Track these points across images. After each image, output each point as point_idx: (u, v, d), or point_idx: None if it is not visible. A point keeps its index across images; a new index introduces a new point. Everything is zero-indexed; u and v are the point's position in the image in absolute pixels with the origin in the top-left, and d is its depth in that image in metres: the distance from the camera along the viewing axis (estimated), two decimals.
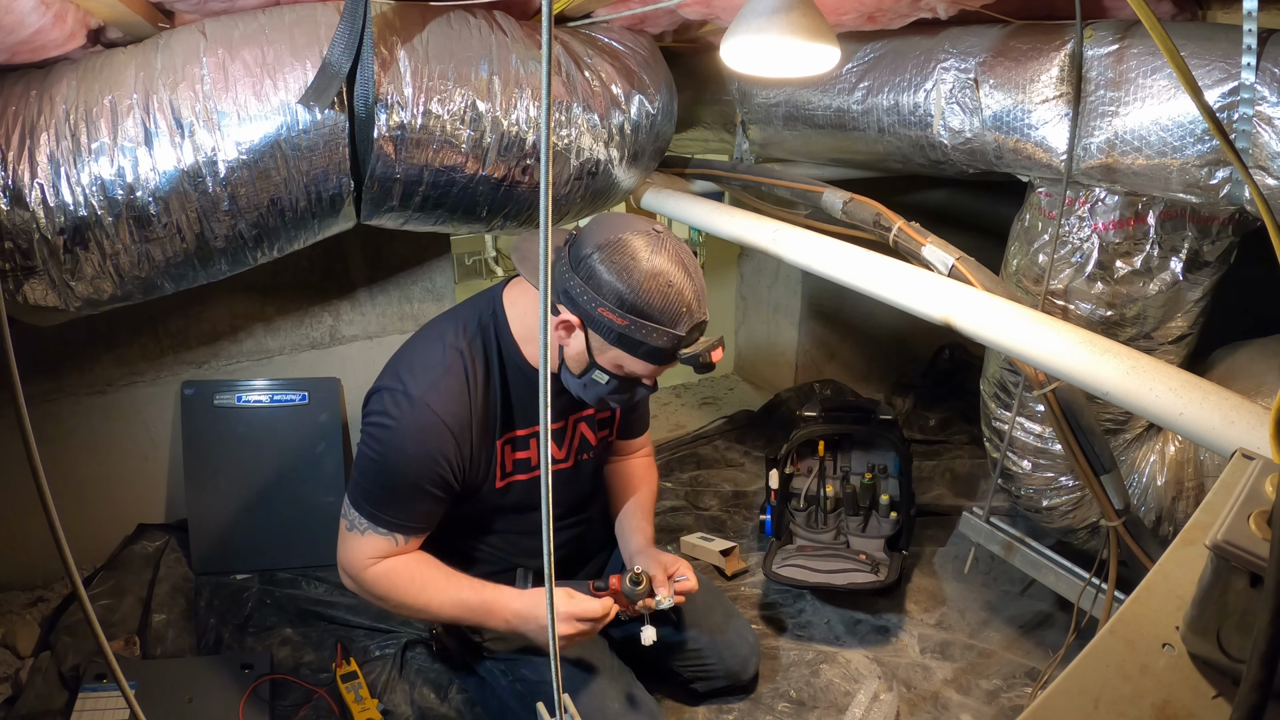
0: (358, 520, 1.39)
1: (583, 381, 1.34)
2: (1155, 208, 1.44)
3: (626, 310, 1.22)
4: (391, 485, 1.35)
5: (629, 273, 1.21)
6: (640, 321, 1.22)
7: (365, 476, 1.38)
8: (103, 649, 0.58)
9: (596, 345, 1.28)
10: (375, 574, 1.39)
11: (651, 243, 1.24)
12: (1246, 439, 0.95)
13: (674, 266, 1.24)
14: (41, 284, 1.41)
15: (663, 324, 1.23)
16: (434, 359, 1.38)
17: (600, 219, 1.32)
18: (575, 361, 1.33)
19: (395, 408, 1.33)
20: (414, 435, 1.33)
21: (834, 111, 1.78)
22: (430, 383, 1.34)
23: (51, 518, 0.55)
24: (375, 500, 1.37)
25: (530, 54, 1.62)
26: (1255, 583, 0.52)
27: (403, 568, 1.40)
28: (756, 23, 1.11)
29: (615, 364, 1.29)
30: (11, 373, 0.52)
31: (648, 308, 1.22)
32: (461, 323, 1.42)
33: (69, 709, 1.62)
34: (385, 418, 1.34)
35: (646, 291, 1.21)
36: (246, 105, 1.40)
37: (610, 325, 1.23)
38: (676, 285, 1.23)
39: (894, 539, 2.12)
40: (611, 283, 1.22)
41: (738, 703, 1.77)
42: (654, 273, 1.22)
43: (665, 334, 1.24)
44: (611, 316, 1.22)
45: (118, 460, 2.12)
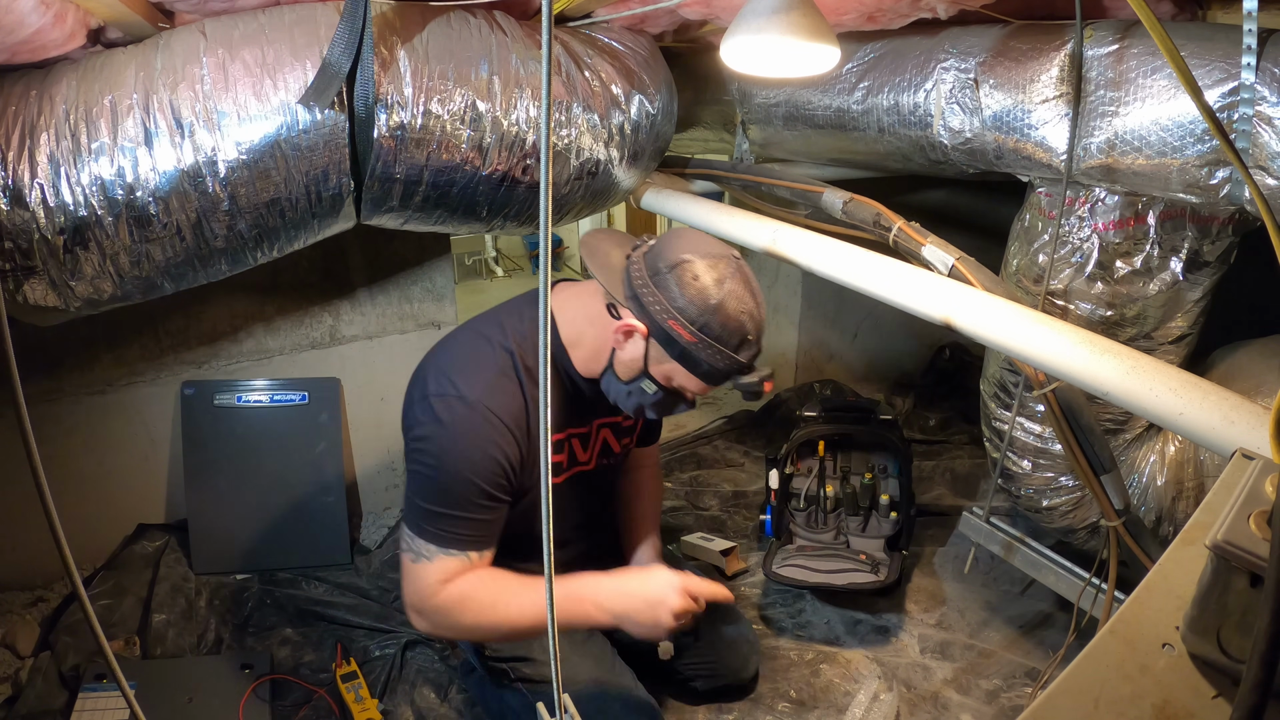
0: (424, 547, 1.29)
1: (628, 389, 1.33)
2: (1155, 208, 1.44)
3: (698, 328, 1.23)
4: (457, 497, 1.28)
5: (707, 293, 1.23)
6: (708, 341, 1.23)
7: (426, 495, 1.29)
8: (103, 649, 0.58)
9: (655, 356, 1.28)
10: (448, 597, 1.29)
11: (732, 268, 1.26)
12: (1246, 439, 0.95)
13: (749, 296, 1.26)
14: (41, 284, 1.41)
15: (728, 348, 1.25)
16: (484, 359, 1.34)
17: (682, 233, 1.32)
18: (626, 368, 1.32)
19: (450, 413, 1.28)
20: (475, 439, 1.27)
21: (834, 111, 1.78)
22: (485, 383, 1.30)
23: (51, 518, 0.55)
24: (441, 520, 1.28)
25: (530, 54, 1.62)
26: (1255, 583, 0.52)
27: (475, 582, 1.31)
28: (756, 23, 1.11)
29: (667, 376, 1.29)
30: (11, 373, 0.52)
31: (719, 329, 1.23)
32: (507, 322, 1.39)
33: (69, 709, 1.62)
34: (439, 426, 1.28)
35: (721, 314, 1.23)
36: (246, 105, 1.40)
37: (677, 339, 1.24)
38: (745, 313, 1.25)
39: (894, 539, 2.12)
40: (689, 298, 1.22)
41: (738, 703, 1.77)
42: (730, 297, 1.23)
43: (729, 358, 1.25)
44: (681, 331, 1.23)
45: (118, 460, 2.12)
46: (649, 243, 1.33)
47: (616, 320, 1.29)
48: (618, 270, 1.31)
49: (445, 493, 1.28)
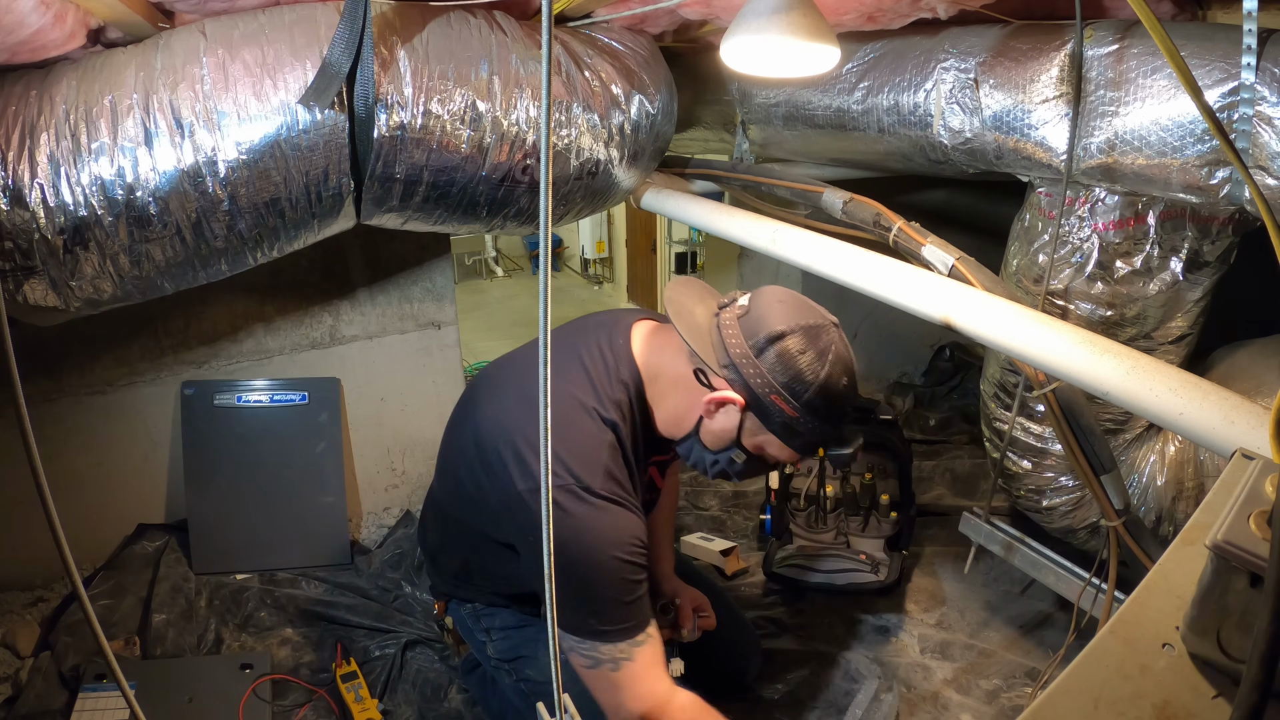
0: (615, 650, 1.23)
1: (714, 457, 1.30)
2: (1155, 208, 1.44)
3: (802, 404, 1.19)
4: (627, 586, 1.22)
5: (813, 370, 1.19)
6: (810, 418, 1.20)
7: (594, 600, 1.21)
8: (103, 649, 0.58)
9: (750, 428, 1.24)
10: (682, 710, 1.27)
11: (831, 340, 1.22)
12: (1246, 439, 0.95)
13: (849, 368, 1.22)
14: (41, 284, 1.41)
15: (829, 423, 1.22)
16: (591, 438, 1.24)
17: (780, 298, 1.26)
18: (715, 438, 1.27)
19: (581, 506, 1.19)
20: (618, 528, 1.21)
21: (834, 111, 1.78)
22: (602, 468, 1.22)
23: (51, 518, 0.55)
24: (619, 613, 1.22)
25: (530, 54, 1.62)
26: (1255, 583, 0.52)
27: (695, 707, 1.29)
28: (756, 23, 1.11)
29: (759, 446, 1.26)
30: (11, 373, 0.52)
31: (822, 406, 1.20)
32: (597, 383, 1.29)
33: (69, 709, 1.62)
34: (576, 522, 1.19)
35: (825, 390, 1.19)
36: (246, 105, 1.40)
37: (779, 414, 1.20)
38: (848, 388, 1.22)
39: (894, 539, 2.12)
40: (793, 374, 1.18)
41: (738, 703, 1.77)
42: (834, 374, 1.20)
43: (824, 431, 1.23)
44: (785, 407, 1.19)
45: (118, 460, 2.12)
46: (738, 302, 1.27)
47: (705, 387, 1.24)
48: (705, 332, 1.26)
49: (609, 586, 1.20)
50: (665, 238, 6.02)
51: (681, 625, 1.56)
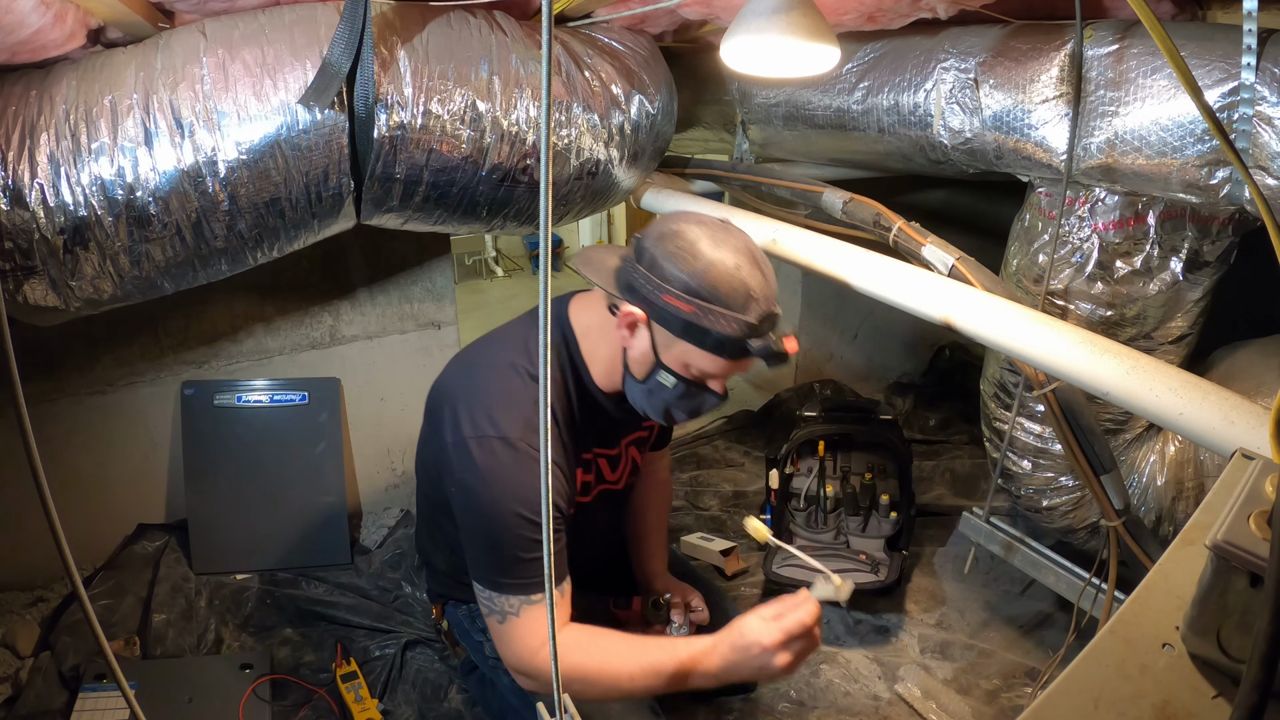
0: (507, 603, 1.23)
1: (647, 388, 1.27)
2: (1155, 208, 1.44)
3: (692, 295, 1.15)
4: (520, 539, 1.21)
5: (695, 256, 1.15)
6: (707, 306, 1.15)
7: (489, 545, 1.23)
8: (103, 649, 0.58)
9: (662, 341, 1.21)
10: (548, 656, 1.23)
11: (719, 230, 1.19)
12: (1246, 439, 0.95)
13: (742, 252, 1.18)
14: (41, 284, 1.41)
15: (731, 309, 1.15)
16: (515, 392, 1.26)
17: (669, 214, 1.26)
18: (639, 364, 1.25)
19: (494, 455, 1.22)
20: (528, 481, 1.21)
21: (834, 111, 1.78)
22: (523, 419, 1.24)
23: (51, 518, 0.55)
24: (516, 567, 1.22)
25: (530, 54, 1.62)
26: (1255, 583, 0.52)
27: (575, 643, 1.23)
28: (756, 23, 1.11)
29: (682, 362, 1.22)
30: (11, 373, 0.52)
31: (715, 291, 1.14)
32: (529, 343, 1.33)
33: (69, 709, 1.62)
34: (485, 470, 1.22)
35: (714, 274, 1.14)
36: (246, 105, 1.40)
37: (676, 313, 1.16)
38: (743, 269, 1.17)
39: (894, 539, 2.12)
40: (677, 267, 1.15)
41: (738, 703, 1.77)
42: (721, 257, 1.16)
43: (734, 320, 1.15)
44: (677, 303, 1.15)
45: (118, 460, 2.12)
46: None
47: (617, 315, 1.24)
48: (611, 270, 1.27)
49: (508, 538, 1.21)
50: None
51: (672, 619, 1.58)
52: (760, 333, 1.18)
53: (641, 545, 1.69)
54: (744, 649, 1.16)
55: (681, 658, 1.22)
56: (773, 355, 1.18)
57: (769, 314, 1.19)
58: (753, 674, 1.19)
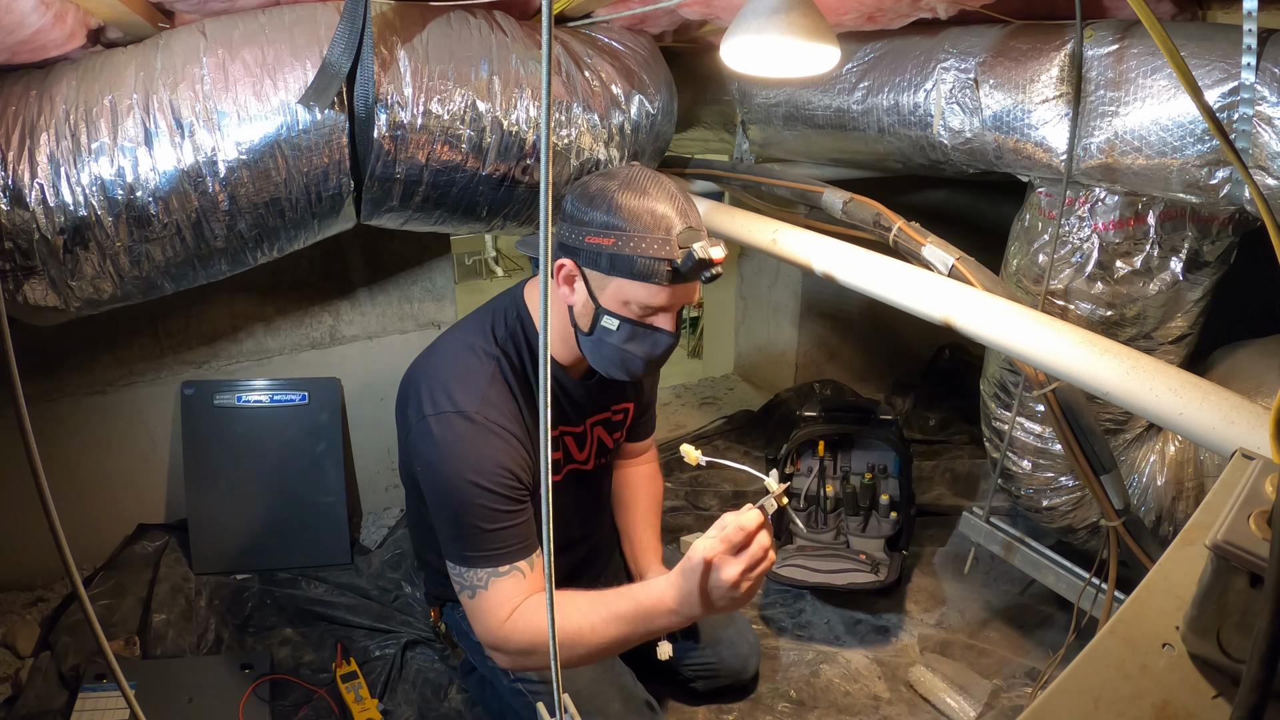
0: (475, 576, 1.25)
1: (595, 338, 1.28)
2: (1155, 208, 1.44)
3: (610, 228, 1.18)
4: (481, 511, 1.24)
5: (605, 192, 1.20)
6: (626, 233, 1.17)
7: (452, 520, 1.26)
8: (103, 649, 0.58)
9: (596, 284, 1.23)
10: (514, 624, 1.23)
11: (626, 169, 1.25)
12: (1246, 439, 0.95)
13: (649, 180, 1.22)
14: (41, 284, 1.41)
15: (650, 231, 1.18)
16: (473, 369, 1.31)
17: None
18: (583, 316, 1.28)
19: (451, 430, 1.25)
20: (481, 450, 1.24)
21: (834, 111, 1.78)
22: (479, 394, 1.28)
23: (51, 518, 0.55)
24: (477, 539, 1.24)
25: (530, 54, 1.62)
26: (1255, 583, 0.52)
27: (537, 606, 1.24)
28: (756, 23, 1.11)
29: (620, 299, 1.22)
30: (11, 373, 0.52)
31: (631, 218, 1.18)
32: (487, 327, 1.37)
33: (69, 709, 1.62)
34: (443, 445, 1.25)
35: (624, 202, 1.18)
36: (246, 105, 1.40)
37: (599, 249, 1.19)
38: (653, 193, 1.20)
39: (894, 539, 2.12)
40: (593, 208, 1.20)
41: (738, 703, 1.77)
42: (628, 186, 1.20)
43: (654, 240, 1.17)
44: (599, 240, 1.19)
45: (118, 460, 2.12)
46: None
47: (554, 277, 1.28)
48: None
49: (468, 510, 1.24)
50: None
51: None
52: (684, 246, 1.18)
53: (633, 540, 1.69)
54: (692, 570, 1.11)
55: (639, 599, 1.19)
56: (700, 264, 1.17)
57: (688, 229, 1.20)
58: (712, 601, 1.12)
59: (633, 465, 1.77)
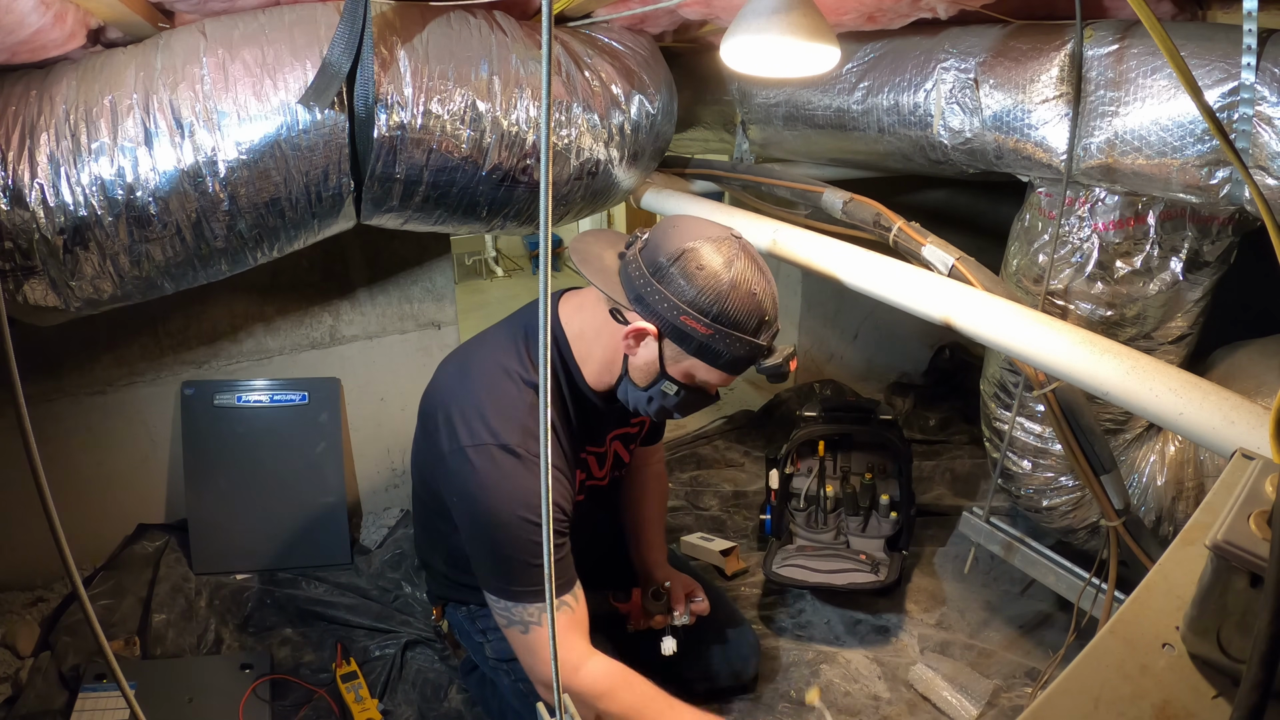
0: (525, 612, 1.24)
1: (648, 394, 1.28)
2: (1155, 208, 1.44)
3: (712, 319, 1.17)
4: (534, 546, 1.22)
5: (717, 279, 1.17)
6: (725, 331, 1.18)
7: (503, 558, 1.24)
8: (103, 649, 0.58)
9: (671, 355, 1.23)
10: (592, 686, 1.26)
11: (733, 249, 1.20)
12: (1246, 439, 0.95)
13: (756, 274, 1.20)
14: (41, 284, 1.41)
15: (747, 333, 1.19)
16: (511, 398, 1.27)
17: (675, 223, 1.26)
18: (642, 373, 1.27)
19: (494, 464, 1.22)
20: (532, 488, 1.21)
21: (834, 111, 1.78)
22: (520, 426, 1.24)
23: (51, 518, 0.55)
24: (530, 573, 1.23)
25: (530, 54, 1.62)
26: (1255, 583, 0.52)
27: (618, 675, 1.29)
28: (756, 23, 1.11)
29: (687, 374, 1.24)
30: (11, 373, 0.52)
31: (734, 316, 1.17)
32: (520, 347, 1.33)
33: (69, 709, 1.62)
34: (486, 478, 1.22)
35: (733, 300, 1.17)
36: (246, 105, 1.40)
37: (693, 334, 1.18)
38: (759, 293, 1.19)
39: (894, 539, 2.12)
40: (698, 289, 1.17)
41: (738, 703, 1.77)
42: (738, 280, 1.17)
43: (749, 344, 1.20)
44: (696, 325, 1.17)
45: (118, 460, 2.12)
46: (642, 237, 1.26)
47: (623, 325, 1.24)
48: (614, 272, 1.26)
49: (517, 545, 1.22)
50: None
51: (674, 608, 1.59)
52: (769, 353, 1.23)
53: (640, 537, 1.70)
54: None
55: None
56: (778, 374, 1.23)
57: (776, 332, 1.24)
58: None
59: (641, 468, 1.77)
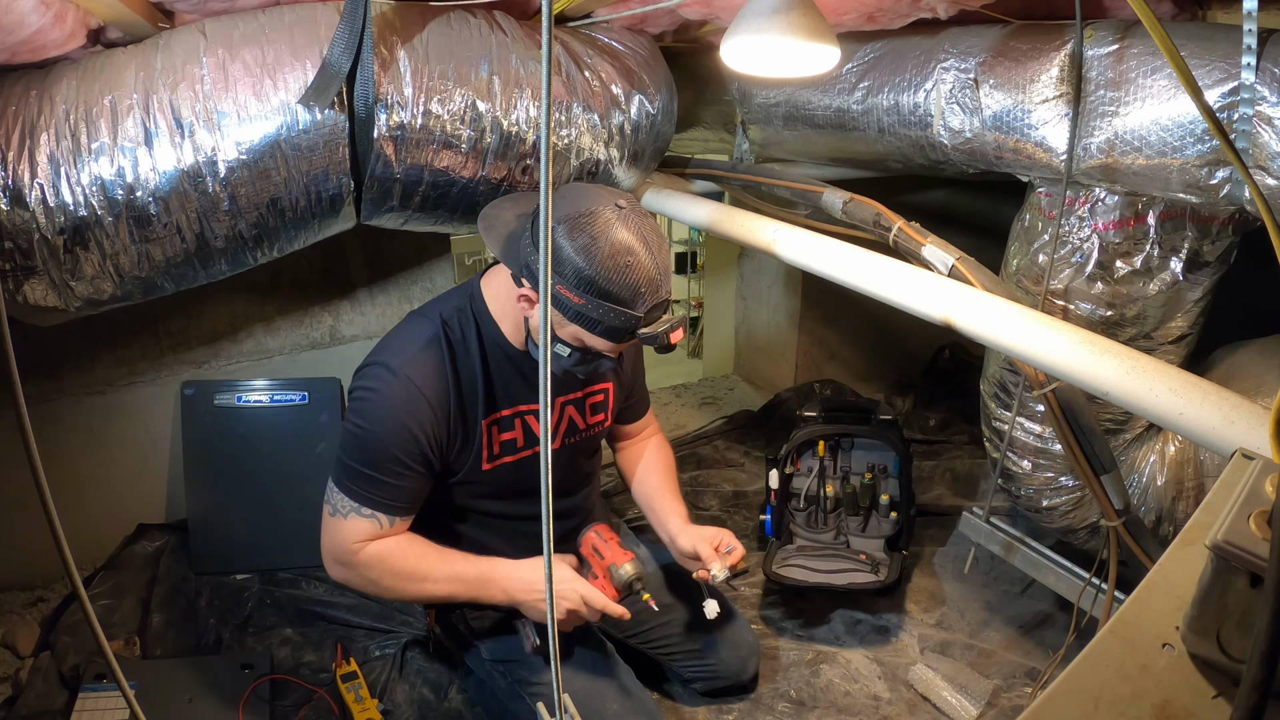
0: (341, 503, 1.37)
1: None
2: (1155, 208, 1.44)
3: (584, 290, 1.20)
4: (373, 460, 1.34)
5: (588, 252, 1.19)
6: (597, 301, 1.21)
7: (347, 452, 1.37)
8: (103, 649, 0.58)
9: (556, 320, 1.27)
10: (367, 556, 1.38)
11: (613, 219, 1.22)
12: (1246, 439, 0.95)
13: (635, 244, 1.21)
14: (41, 284, 1.41)
15: (620, 304, 1.22)
16: (415, 335, 1.39)
17: (566, 191, 1.29)
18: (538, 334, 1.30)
19: (375, 380, 1.35)
20: (393, 406, 1.33)
21: (834, 111, 1.78)
22: (409, 355, 1.36)
23: (51, 518, 0.55)
24: (358, 478, 1.35)
25: (530, 54, 1.62)
26: (1255, 583, 0.52)
27: (394, 547, 1.40)
28: (756, 23, 1.11)
29: (576, 338, 1.28)
30: (11, 373, 0.52)
31: (605, 287, 1.20)
32: (442, 305, 1.44)
33: (69, 709, 1.62)
34: (367, 390, 1.35)
35: (605, 271, 1.19)
36: (246, 105, 1.40)
37: (567, 303, 1.22)
38: (636, 264, 1.21)
39: (894, 539, 2.12)
40: (570, 260, 1.20)
41: (738, 703, 1.77)
42: (613, 252, 1.20)
43: (622, 314, 1.22)
44: (569, 295, 1.21)
45: (118, 460, 2.12)
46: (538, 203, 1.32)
47: (520, 288, 1.30)
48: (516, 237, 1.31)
49: (362, 452, 1.34)
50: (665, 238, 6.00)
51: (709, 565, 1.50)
52: (648, 322, 1.25)
53: (654, 509, 1.67)
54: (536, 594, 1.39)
55: (481, 568, 1.42)
56: (658, 346, 1.26)
57: (658, 304, 1.26)
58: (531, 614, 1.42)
59: (637, 442, 1.77)
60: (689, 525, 1.61)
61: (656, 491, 1.69)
